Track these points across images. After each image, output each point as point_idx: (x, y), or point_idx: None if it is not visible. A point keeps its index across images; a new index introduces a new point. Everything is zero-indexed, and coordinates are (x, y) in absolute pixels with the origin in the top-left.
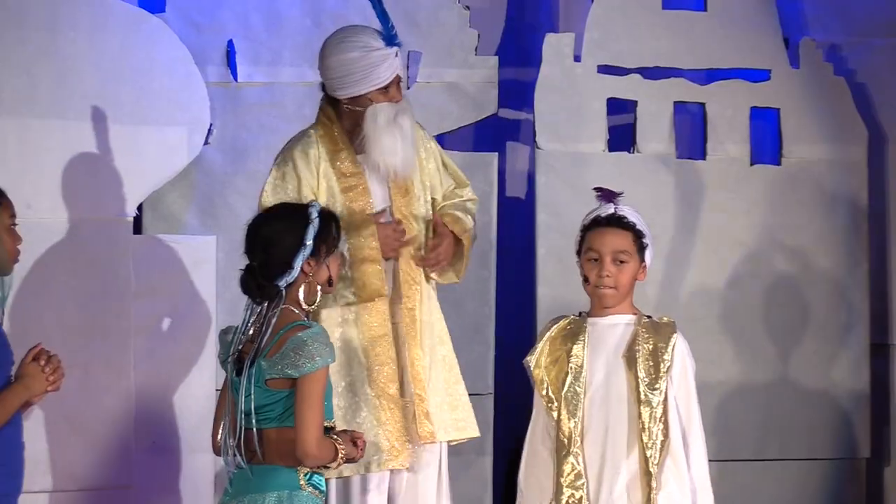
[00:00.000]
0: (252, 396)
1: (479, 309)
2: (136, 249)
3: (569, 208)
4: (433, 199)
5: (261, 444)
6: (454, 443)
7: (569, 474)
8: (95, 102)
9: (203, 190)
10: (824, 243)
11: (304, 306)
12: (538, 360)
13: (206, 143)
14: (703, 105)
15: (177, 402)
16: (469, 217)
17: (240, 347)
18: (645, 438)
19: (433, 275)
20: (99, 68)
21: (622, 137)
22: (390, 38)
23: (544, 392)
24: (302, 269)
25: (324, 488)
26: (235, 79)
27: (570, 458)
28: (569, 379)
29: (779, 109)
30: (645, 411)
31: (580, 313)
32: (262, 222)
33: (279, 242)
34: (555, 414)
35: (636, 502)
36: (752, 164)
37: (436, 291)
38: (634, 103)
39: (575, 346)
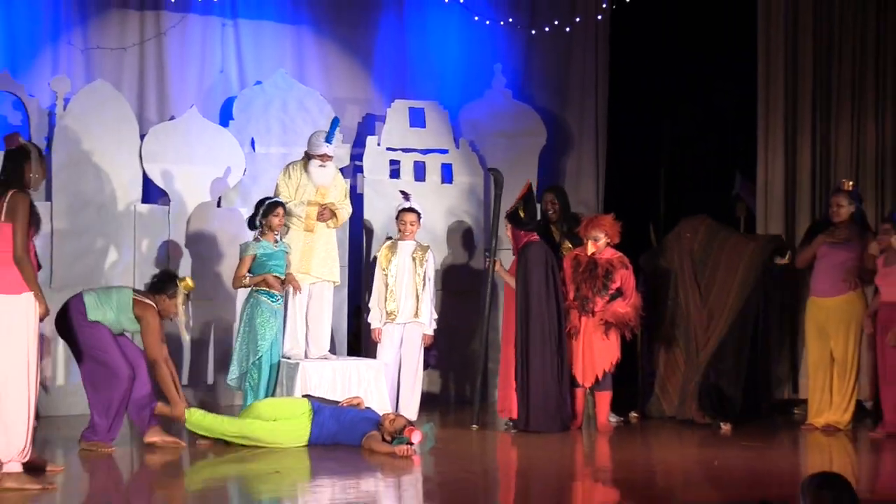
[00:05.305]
0: None
1: (343, 235)
2: (219, 214)
3: (378, 199)
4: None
5: None
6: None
7: (390, 295)
8: (206, 162)
9: (242, 193)
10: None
11: None
12: (382, 254)
13: (243, 174)
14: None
15: None
16: (342, 208)
17: None
18: (419, 287)
19: (329, 223)
20: (209, 156)
21: (394, 174)
22: (328, 138)
23: (384, 265)
24: None
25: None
26: (254, 150)
27: (391, 291)
28: (393, 263)
29: (452, 164)
30: (420, 274)
31: (396, 239)
32: None
33: None
34: (386, 274)
35: (413, 308)
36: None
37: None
38: (399, 162)
39: (397, 249)
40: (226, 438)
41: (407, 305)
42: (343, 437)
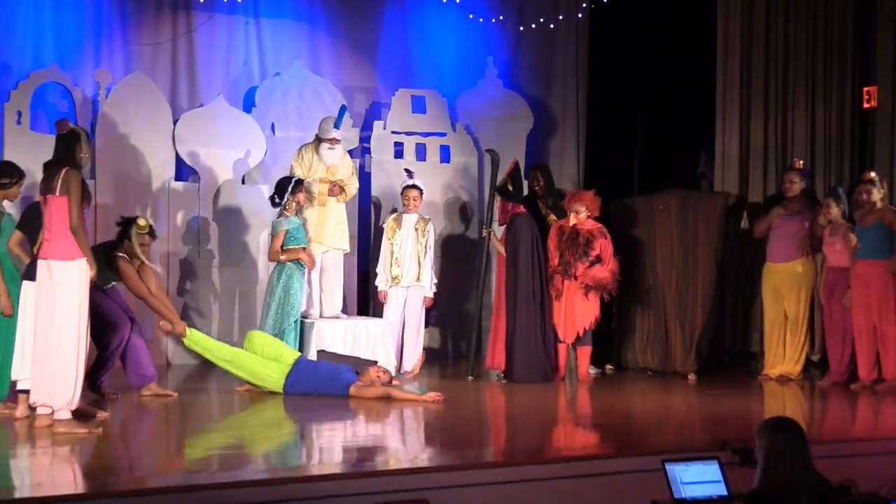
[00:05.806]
0: None
1: (353, 209)
2: (244, 190)
3: (383, 177)
4: (342, 178)
5: None
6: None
7: (395, 261)
8: (231, 144)
9: (264, 172)
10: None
11: None
12: (388, 225)
13: (265, 155)
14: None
15: None
16: (349, 184)
17: None
18: (421, 254)
19: (338, 198)
20: (234, 139)
21: (398, 154)
22: (336, 124)
23: (390, 235)
24: None
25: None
26: (274, 133)
27: (396, 258)
28: (398, 233)
29: (449, 146)
30: (421, 243)
31: (401, 212)
32: None
33: None
34: (391, 243)
35: (416, 273)
36: (441, 163)
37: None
38: (402, 144)
39: (401, 221)
40: (216, 361)
41: (410, 271)
42: (324, 388)
